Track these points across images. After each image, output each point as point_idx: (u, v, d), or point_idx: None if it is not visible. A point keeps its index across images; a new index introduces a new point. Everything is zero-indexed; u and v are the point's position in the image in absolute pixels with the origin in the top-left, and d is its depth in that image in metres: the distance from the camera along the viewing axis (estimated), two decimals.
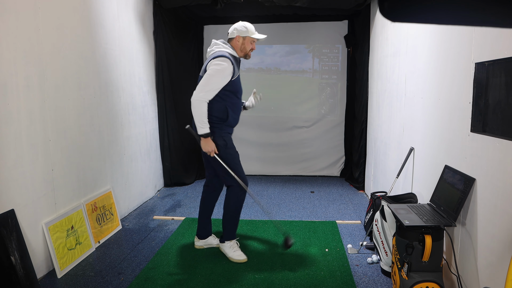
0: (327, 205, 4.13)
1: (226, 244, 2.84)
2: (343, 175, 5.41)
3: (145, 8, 4.20)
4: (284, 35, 5.33)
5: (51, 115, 2.63)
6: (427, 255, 2.02)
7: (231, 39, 2.75)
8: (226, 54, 2.63)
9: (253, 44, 2.78)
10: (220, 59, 2.58)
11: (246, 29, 2.72)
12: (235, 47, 2.75)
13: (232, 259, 2.80)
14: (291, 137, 5.51)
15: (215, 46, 2.72)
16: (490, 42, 1.84)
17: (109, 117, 3.44)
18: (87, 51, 3.08)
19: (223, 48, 2.69)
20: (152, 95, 4.49)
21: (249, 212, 3.91)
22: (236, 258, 2.79)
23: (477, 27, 1.79)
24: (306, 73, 5.45)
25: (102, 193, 3.29)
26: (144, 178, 4.22)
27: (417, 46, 2.84)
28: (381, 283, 2.49)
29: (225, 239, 2.86)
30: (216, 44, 2.72)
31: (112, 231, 3.30)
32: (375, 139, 4.17)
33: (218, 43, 2.73)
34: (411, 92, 2.96)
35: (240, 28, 2.72)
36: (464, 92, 2.07)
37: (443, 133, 2.37)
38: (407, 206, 2.31)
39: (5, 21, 2.23)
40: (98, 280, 2.52)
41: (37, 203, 2.50)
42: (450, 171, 2.22)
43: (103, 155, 3.34)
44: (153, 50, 4.47)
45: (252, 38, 2.74)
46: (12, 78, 2.28)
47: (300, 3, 3.95)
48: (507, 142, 1.70)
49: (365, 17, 4.47)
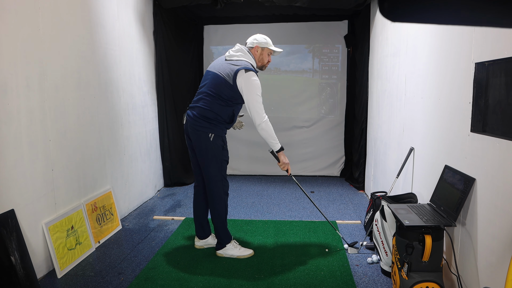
0: (327, 205, 4.13)
1: (228, 246, 2.84)
2: (343, 175, 5.41)
3: (145, 8, 4.20)
4: (284, 35, 5.33)
5: (51, 115, 2.63)
6: (427, 255, 2.02)
7: (251, 48, 2.78)
8: (252, 68, 2.69)
9: (269, 56, 2.83)
10: (252, 74, 2.63)
11: (265, 40, 2.78)
12: (255, 57, 2.79)
13: (241, 257, 2.80)
14: (291, 137, 5.51)
15: (241, 52, 2.73)
16: (490, 42, 1.84)
17: (109, 117, 3.44)
18: (87, 51, 3.08)
19: (247, 58, 2.72)
20: (152, 95, 4.49)
21: (249, 212, 3.91)
22: (245, 254, 2.81)
23: (477, 27, 1.79)
24: (306, 73, 5.45)
25: (102, 193, 3.29)
26: (144, 178, 4.22)
27: (417, 46, 2.84)
28: (381, 283, 2.49)
29: (225, 243, 2.84)
30: (242, 51, 2.74)
31: (112, 231, 3.30)
32: (375, 139, 4.17)
33: (243, 49, 2.75)
34: (411, 92, 2.96)
35: (260, 39, 2.77)
36: (464, 92, 2.07)
37: (443, 133, 2.37)
38: (407, 206, 2.31)
39: (5, 21, 2.23)
40: (98, 280, 2.52)
41: (37, 203, 2.50)
42: (450, 171, 2.22)
43: (103, 155, 3.34)
44: (153, 50, 4.47)
45: (270, 50, 2.80)
46: (12, 78, 2.28)
47: (300, 3, 3.95)
48: (507, 142, 1.70)
49: (365, 17, 4.47)
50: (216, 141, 2.69)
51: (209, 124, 2.67)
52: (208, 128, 2.67)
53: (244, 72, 2.61)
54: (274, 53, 2.85)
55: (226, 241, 2.84)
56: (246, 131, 5.39)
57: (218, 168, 2.73)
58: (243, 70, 2.61)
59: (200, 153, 2.73)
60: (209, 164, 2.72)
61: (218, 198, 2.78)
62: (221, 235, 2.83)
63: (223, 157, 2.74)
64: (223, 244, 2.84)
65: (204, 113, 2.67)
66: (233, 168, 5.61)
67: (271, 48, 2.79)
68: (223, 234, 2.83)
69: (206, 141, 2.67)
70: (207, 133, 2.66)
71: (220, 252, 2.85)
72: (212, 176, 2.74)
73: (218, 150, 2.70)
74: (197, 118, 2.68)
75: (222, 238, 2.84)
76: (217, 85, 2.65)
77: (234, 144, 5.50)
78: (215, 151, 2.69)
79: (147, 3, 4.27)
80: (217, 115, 2.66)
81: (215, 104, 2.66)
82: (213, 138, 2.67)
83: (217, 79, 2.66)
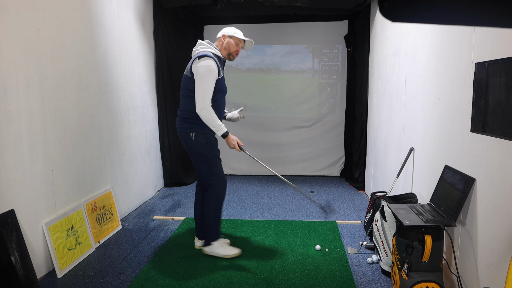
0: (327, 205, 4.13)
1: (215, 244, 2.85)
2: (343, 175, 5.41)
3: (145, 8, 4.20)
4: (284, 35, 5.33)
5: (51, 115, 2.63)
6: (427, 255, 2.02)
7: (218, 39, 2.82)
8: (209, 53, 2.67)
9: (238, 46, 2.83)
10: (203, 59, 2.62)
11: (234, 30, 2.81)
12: (219, 47, 2.79)
13: (226, 256, 2.81)
14: (291, 137, 5.51)
15: (200, 46, 2.76)
16: (490, 42, 1.84)
17: (109, 117, 3.44)
18: (87, 51, 3.08)
19: (207, 48, 2.73)
20: (152, 95, 4.49)
21: (249, 212, 3.91)
22: (231, 253, 2.81)
23: (477, 27, 1.79)
24: (306, 73, 5.45)
25: (102, 193, 3.29)
26: (144, 178, 4.22)
27: (417, 46, 2.84)
28: (381, 283, 2.49)
29: (211, 241, 2.85)
30: (201, 44, 2.77)
31: (112, 231, 3.30)
32: (375, 139, 4.17)
33: (203, 43, 2.77)
34: (411, 92, 2.96)
35: (227, 30, 2.81)
36: (464, 92, 2.07)
37: (443, 133, 2.37)
38: (407, 206, 2.31)
39: (5, 21, 2.23)
40: (98, 280, 2.52)
41: (37, 203, 2.50)
42: (450, 171, 2.22)
43: (103, 155, 3.34)
44: (153, 50, 4.47)
45: (237, 38, 2.80)
46: (12, 78, 2.28)
47: (300, 3, 3.95)
48: (507, 142, 1.70)
49: (365, 17, 4.47)
50: (198, 139, 2.71)
51: (188, 124, 2.72)
52: (188, 128, 2.71)
53: (198, 59, 2.64)
54: (245, 45, 2.86)
55: (214, 239, 2.85)
56: (246, 131, 5.41)
57: (208, 166, 2.75)
58: (197, 58, 2.65)
59: (189, 154, 2.82)
60: (198, 163, 2.78)
61: (212, 196, 2.80)
62: (210, 232, 2.85)
63: (210, 153, 2.75)
64: (210, 242, 2.86)
65: (182, 114, 2.76)
66: (233, 168, 5.61)
67: (238, 37, 2.79)
68: (213, 232, 2.85)
69: (189, 141, 2.73)
70: (188, 133, 2.72)
71: (207, 249, 2.87)
72: (203, 174, 2.78)
73: (202, 147, 2.72)
74: (178, 121, 2.78)
75: (210, 235, 2.85)
76: (185, 84, 2.72)
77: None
78: (200, 149, 2.72)
79: (147, 3, 4.27)
80: (192, 113, 2.69)
81: (188, 103, 2.71)
82: (195, 137, 2.70)
83: (184, 79, 2.74)
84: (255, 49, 5.39)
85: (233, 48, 2.80)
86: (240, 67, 5.52)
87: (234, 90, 5.53)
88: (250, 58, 5.47)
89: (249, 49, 2.88)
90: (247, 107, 5.46)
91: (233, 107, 5.55)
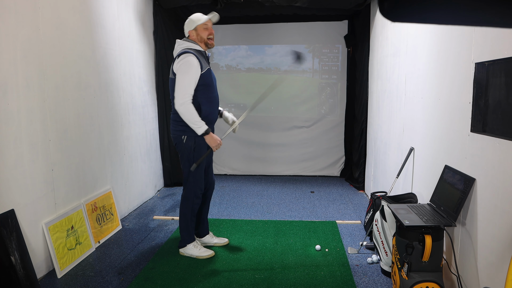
0: (327, 205, 4.13)
1: (189, 246, 2.87)
2: (343, 175, 5.41)
3: (145, 8, 4.20)
4: (284, 35, 5.33)
5: (51, 115, 2.63)
6: (427, 255, 2.02)
7: (188, 37, 2.80)
8: (187, 50, 2.65)
9: (208, 30, 2.76)
10: (182, 56, 2.62)
11: (191, 21, 2.75)
12: (196, 41, 2.77)
13: (200, 257, 2.83)
14: (291, 137, 5.51)
15: (177, 45, 2.76)
16: (490, 42, 1.84)
17: (109, 117, 3.44)
18: (87, 51, 3.08)
19: (184, 45, 2.72)
20: (152, 95, 4.49)
21: (249, 212, 3.91)
22: (205, 255, 2.84)
23: (477, 27, 1.79)
24: (306, 73, 5.45)
25: (102, 193, 3.29)
26: (144, 178, 4.22)
27: (417, 46, 2.84)
28: (381, 283, 2.49)
29: (186, 243, 2.87)
30: (179, 43, 2.76)
31: (112, 231, 3.30)
32: (375, 139, 4.17)
33: (180, 41, 2.76)
34: (411, 92, 2.96)
35: (187, 24, 2.77)
36: (464, 92, 2.07)
37: (443, 133, 2.37)
38: (407, 206, 2.31)
39: (5, 21, 2.23)
40: (98, 280, 2.52)
41: (37, 203, 2.50)
42: (450, 171, 2.22)
43: (103, 155, 3.34)
44: (153, 50, 4.47)
45: (201, 24, 2.74)
46: (12, 78, 2.28)
47: (300, 3, 3.95)
48: (507, 142, 1.70)
49: (365, 17, 4.47)
50: (188, 143, 2.71)
51: (180, 127, 2.70)
52: (181, 131, 2.71)
53: (177, 58, 2.64)
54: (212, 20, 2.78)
55: (188, 241, 2.87)
56: (245, 131, 5.41)
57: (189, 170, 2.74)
58: (177, 57, 2.64)
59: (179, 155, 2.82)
60: (183, 166, 2.79)
61: (186, 200, 2.82)
62: (183, 234, 2.87)
63: (195, 159, 2.72)
64: (184, 243, 2.88)
65: (173, 118, 2.75)
66: (233, 168, 5.61)
67: (200, 23, 2.73)
68: (186, 234, 2.87)
69: (180, 143, 2.73)
70: (180, 135, 2.72)
71: (181, 250, 2.89)
72: (185, 177, 2.79)
73: (189, 152, 2.72)
74: (172, 123, 2.77)
75: (184, 237, 2.87)
76: (171, 87, 2.70)
77: (234, 144, 5.50)
78: (187, 152, 2.73)
79: (147, 3, 4.27)
80: None
81: None
82: (186, 140, 2.70)
83: (171, 82, 2.72)
84: (255, 49, 5.40)
85: (204, 34, 2.74)
86: (240, 67, 5.52)
87: (234, 90, 5.53)
88: (250, 58, 5.47)
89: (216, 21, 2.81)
90: (247, 107, 5.45)
91: (233, 107, 5.55)
